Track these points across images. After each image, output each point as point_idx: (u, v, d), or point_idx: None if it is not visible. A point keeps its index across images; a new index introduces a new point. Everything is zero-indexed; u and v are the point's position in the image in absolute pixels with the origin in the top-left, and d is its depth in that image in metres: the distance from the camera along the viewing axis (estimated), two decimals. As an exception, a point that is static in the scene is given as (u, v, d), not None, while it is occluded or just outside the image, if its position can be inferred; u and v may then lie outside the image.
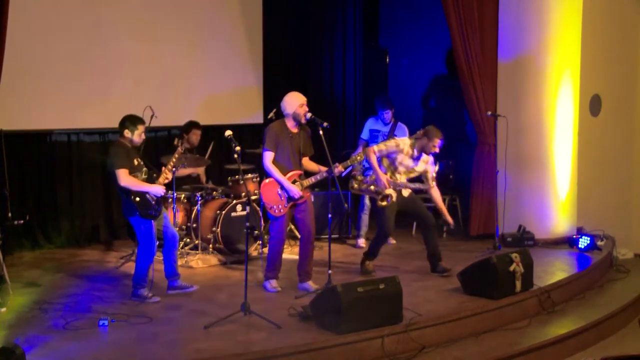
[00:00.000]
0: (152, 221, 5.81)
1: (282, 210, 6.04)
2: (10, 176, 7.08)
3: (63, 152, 7.94)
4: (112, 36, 8.02)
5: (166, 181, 5.95)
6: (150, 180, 5.84)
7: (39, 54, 7.58)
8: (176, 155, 6.05)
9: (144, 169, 5.88)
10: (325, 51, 10.15)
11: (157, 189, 5.79)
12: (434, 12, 8.80)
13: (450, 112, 9.58)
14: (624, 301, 6.72)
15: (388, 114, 7.75)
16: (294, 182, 6.04)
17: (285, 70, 9.85)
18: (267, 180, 6.11)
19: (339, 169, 6.00)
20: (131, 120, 5.83)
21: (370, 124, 7.91)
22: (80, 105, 7.86)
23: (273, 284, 6.18)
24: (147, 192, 5.75)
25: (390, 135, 7.72)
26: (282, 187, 6.01)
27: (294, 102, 6.04)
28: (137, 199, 5.71)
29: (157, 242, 5.93)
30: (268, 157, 6.02)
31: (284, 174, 6.03)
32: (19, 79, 7.44)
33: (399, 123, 7.79)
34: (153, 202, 5.79)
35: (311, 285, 6.12)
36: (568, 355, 5.74)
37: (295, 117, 6.04)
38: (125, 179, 5.67)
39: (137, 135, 5.81)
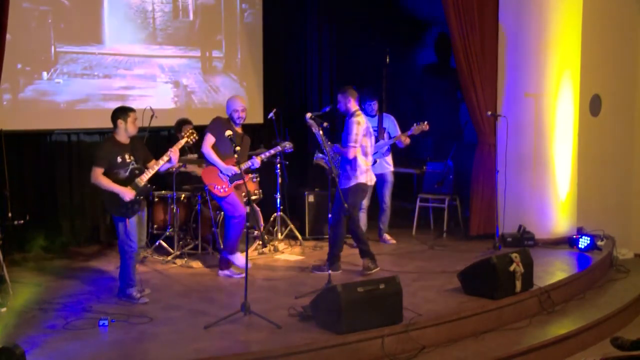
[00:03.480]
0: (127, 219, 5.70)
1: (226, 190, 6.35)
2: (10, 176, 7.09)
3: (63, 152, 7.94)
4: (113, 36, 8.03)
5: (148, 176, 5.79)
6: (131, 178, 5.72)
7: (39, 53, 7.59)
8: (175, 149, 5.94)
9: (130, 166, 5.76)
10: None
11: (126, 193, 5.63)
12: (434, 12, 8.78)
13: (450, 112, 9.57)
14: (624, 301, 6.72)
15: (376, 105, 7.76)
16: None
17: (285, 70, 9.85)
18: (206, 166, 6.44)
19: (257, 161, 6.52)
20: (122, 110, 5.80)
21: None
22: (80, 105, 7.87)
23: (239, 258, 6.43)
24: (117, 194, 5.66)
25: (380, 128, 7.70)
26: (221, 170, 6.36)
27: (230, 106, 6.45)
28: (106, 197, 5.70)
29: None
30: (209, 141, 6.34)
31: (222, 159, 6.36)
32: (19, 79, 7.46)
33: (384, 113, 7.81)
34: (126, 201, 5.66)
35: (234, 270, 6.53)
36: (568, 355, 5.74)
37: (231, 118, 6.43)
38: (95, 177, 5.66)
39: (130, 124, 5.76)
